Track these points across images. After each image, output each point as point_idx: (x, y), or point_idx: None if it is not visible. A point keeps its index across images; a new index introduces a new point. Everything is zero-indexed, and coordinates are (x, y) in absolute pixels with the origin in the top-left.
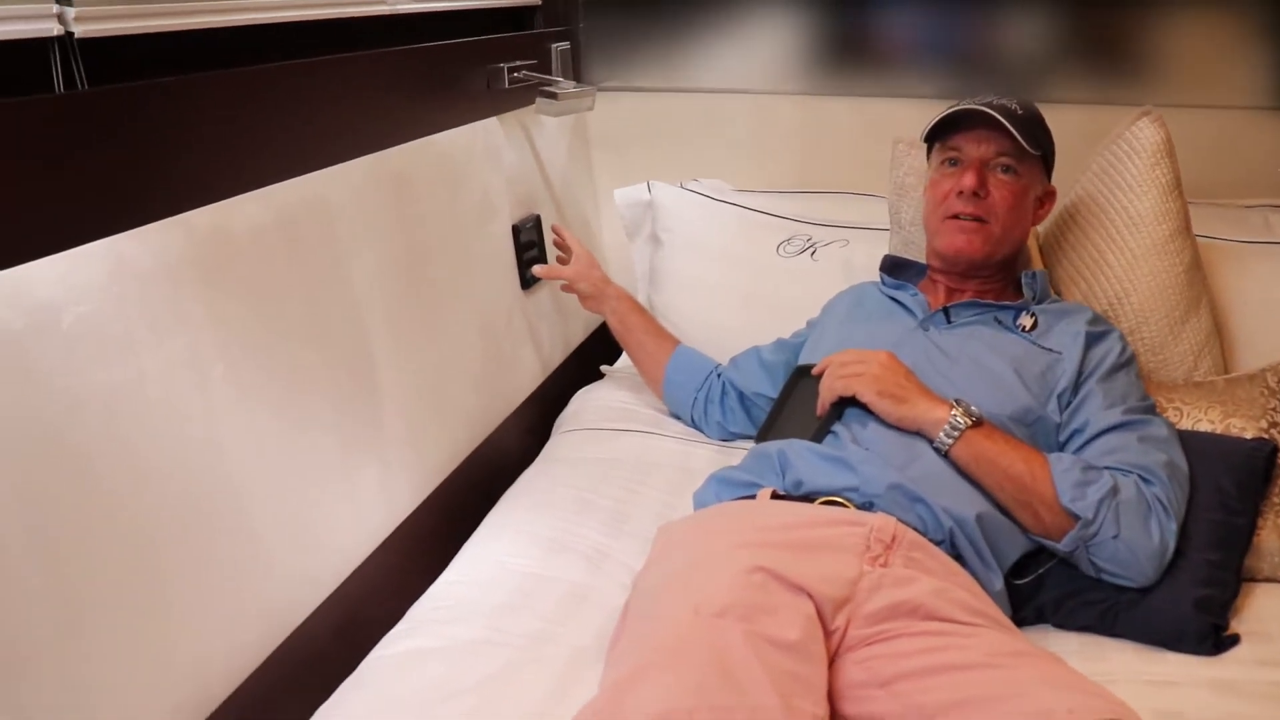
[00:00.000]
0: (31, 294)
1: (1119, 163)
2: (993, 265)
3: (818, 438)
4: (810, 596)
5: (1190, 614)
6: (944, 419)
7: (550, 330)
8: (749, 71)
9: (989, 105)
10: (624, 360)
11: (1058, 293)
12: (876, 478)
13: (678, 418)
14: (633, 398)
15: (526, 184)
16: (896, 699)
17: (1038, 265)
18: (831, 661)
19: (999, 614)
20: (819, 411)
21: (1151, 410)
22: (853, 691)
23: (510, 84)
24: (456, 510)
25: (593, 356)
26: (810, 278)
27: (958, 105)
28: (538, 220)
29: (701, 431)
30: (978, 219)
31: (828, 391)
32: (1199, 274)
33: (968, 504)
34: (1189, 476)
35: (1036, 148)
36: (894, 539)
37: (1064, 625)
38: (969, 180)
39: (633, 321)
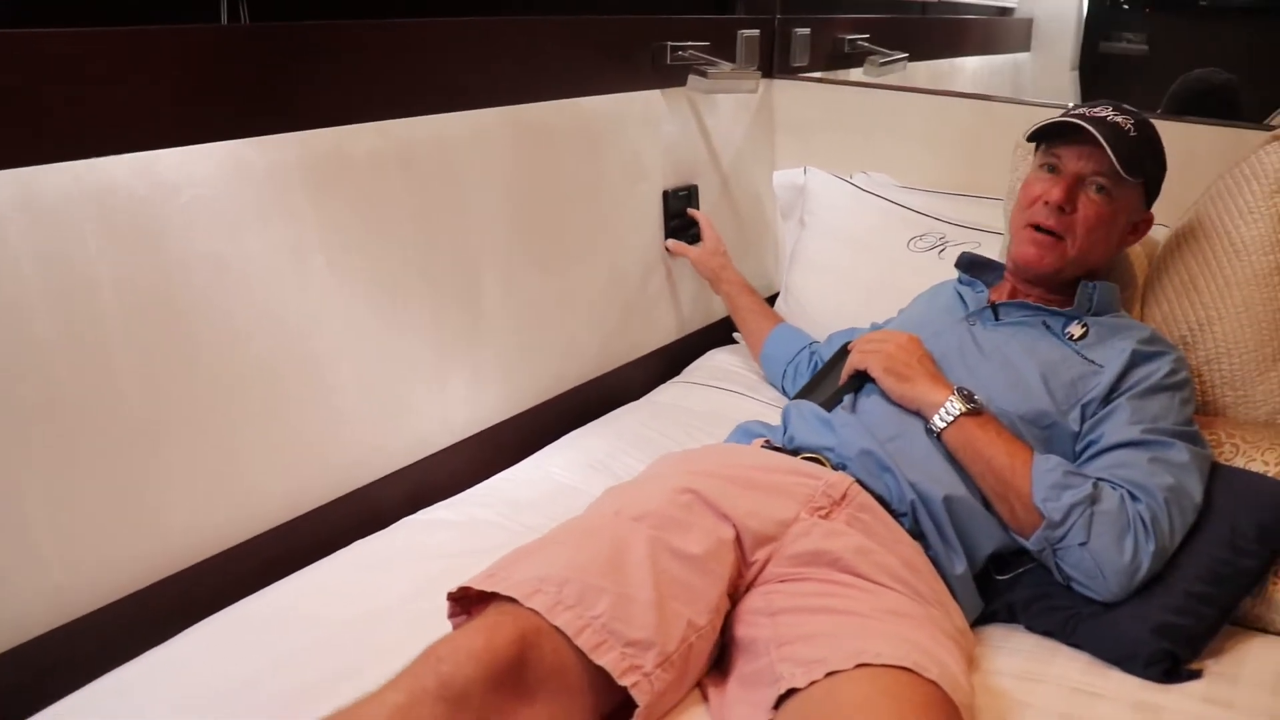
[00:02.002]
0: (159, 173)
1: (1236, 187)
2: (1062, 281)
3: (828, 405)
4: (734, 526)
5: (1145, 636)
6: (941, 402)
7: (693, 294)
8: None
9: (1101, 120)
10: None
11: (1140, 313)
12: (851, 442)
13: (774, 386)
14: (744, 364)
15: (686, 155)
16: (774, 627)
17: (1139, 281)
18: (747, 590)
19: (931, 588)
20: (840, 382)
21: (1186, 437)
22: (747, 616)
23: (671, 61)
24: (553, 430)
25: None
26: (933, 274)
27: (1068, 113)
28: (694, 190)
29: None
30: (1054, 234)
31: (847, 365)
32: None
33: (938, 484)
34: (1199, 507)
35: (1138, 175)
36: (844, 497)
37: (1031, 626)
38: (1057, 193)
39: (741, 303)
